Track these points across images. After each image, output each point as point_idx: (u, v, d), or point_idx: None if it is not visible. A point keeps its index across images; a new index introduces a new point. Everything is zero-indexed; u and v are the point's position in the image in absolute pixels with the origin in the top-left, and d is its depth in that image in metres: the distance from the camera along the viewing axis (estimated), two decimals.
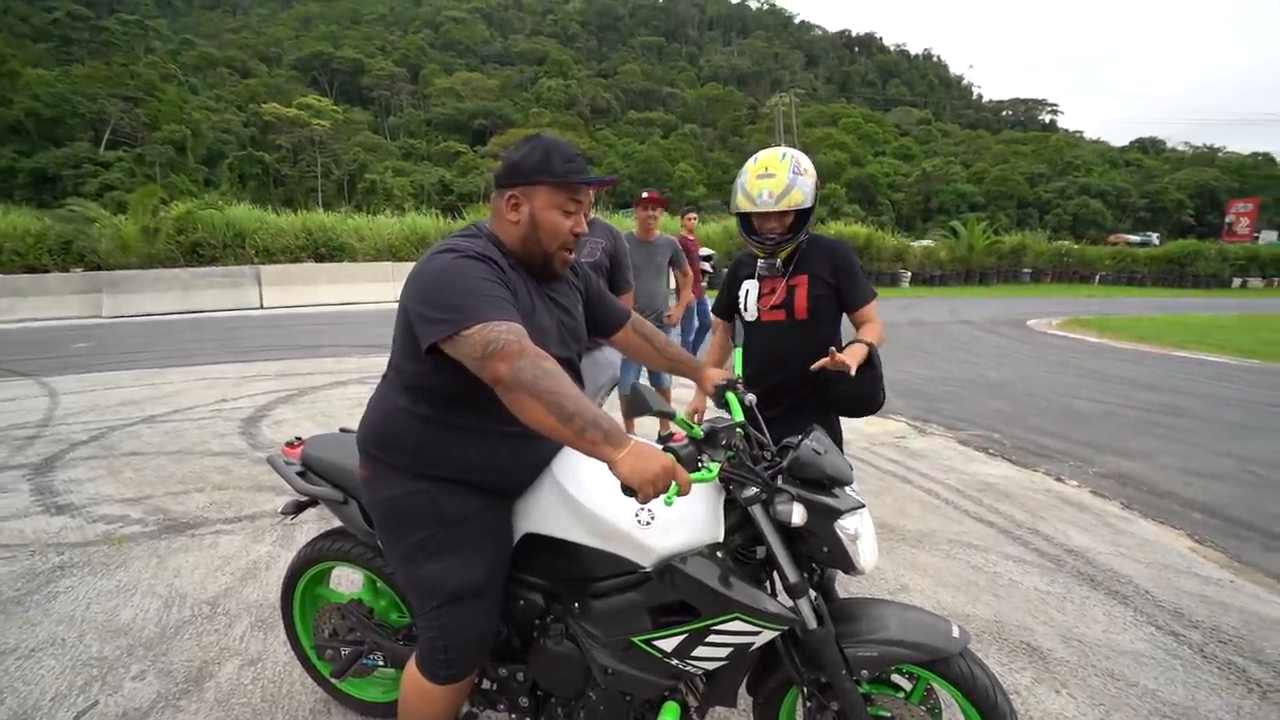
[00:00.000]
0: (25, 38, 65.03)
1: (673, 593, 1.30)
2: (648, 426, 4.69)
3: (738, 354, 1.71)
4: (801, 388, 2.07)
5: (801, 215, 2.04)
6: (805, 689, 1.42)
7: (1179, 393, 7.00)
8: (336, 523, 1.84)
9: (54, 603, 2.59)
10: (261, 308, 14.21)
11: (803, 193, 2.00)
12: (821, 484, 1.31)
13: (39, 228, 14.57)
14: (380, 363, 1.81)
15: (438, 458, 1.38)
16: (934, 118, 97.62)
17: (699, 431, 1.34)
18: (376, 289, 15.17)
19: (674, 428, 1.41)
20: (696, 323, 6.63)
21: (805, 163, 2.05)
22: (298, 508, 1.87)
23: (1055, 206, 61.97)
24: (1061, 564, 2.97)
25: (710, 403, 1.73)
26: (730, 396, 1.58)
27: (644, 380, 4.19)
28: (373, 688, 1.94)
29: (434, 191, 51.48)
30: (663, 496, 1.11)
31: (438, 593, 1.37)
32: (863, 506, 1.32)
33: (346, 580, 2.55)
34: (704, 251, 6.12)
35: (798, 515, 1.27)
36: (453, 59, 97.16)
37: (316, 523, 3.27)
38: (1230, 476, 4.24)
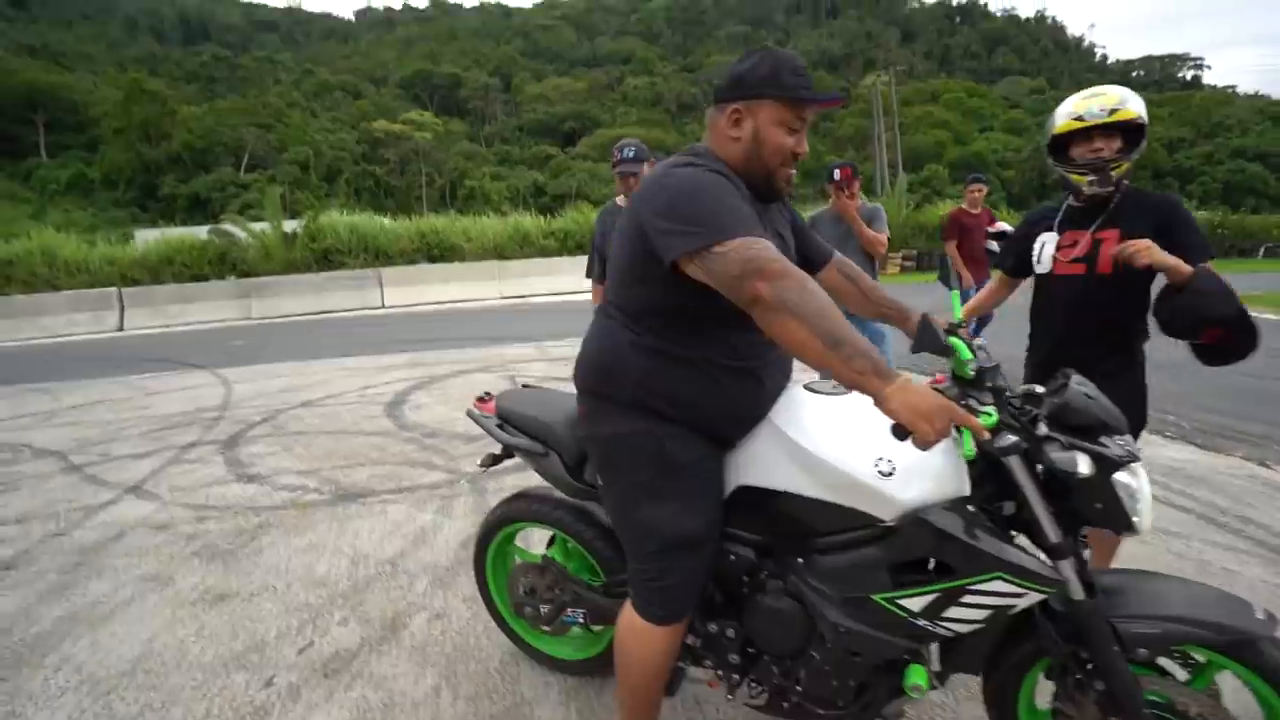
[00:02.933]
0: (180, 80, 73.74)
1: (920, 548, 1.22)
2: None
3: (954, 297, 1.60)
4: (1093, 348, 1.92)
5: (1128, 142, 1.85)
6: (1062, 666, 1.29)
7: None
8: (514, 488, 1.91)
9: (261, 555, 2.88)
10: (383, 306, 15.26)
11: (1137, 109, 1.81)
12: (1090, 431, 1.18)
13: (200, 242, 16.44)
14: (497, 354, 1.85)
15: (663, 392, 1.33)
16: (1049, 86, 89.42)
17: (969, 372, 1.22)
18: (484, 287, 15.89)
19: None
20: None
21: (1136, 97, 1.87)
22: (494, 460, 1.95)
23: (1201, 174, 55.08)
24: None
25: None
26: (955, 341, 1.47)
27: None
28: (566, 645, 1.99)
29: (528, 194, 53.38)
30: (959, 448, 1.03)
31: (656, 536, 1.36)
32: (1138, 458, 1.17)
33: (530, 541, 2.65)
34: (1001, 226, 5.17)
35: (1084, 465, 1.13)
36: (542, 65, 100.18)
37: (470, 496, 3.44)
38: None
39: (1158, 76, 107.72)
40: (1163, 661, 1.31)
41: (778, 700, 1.48)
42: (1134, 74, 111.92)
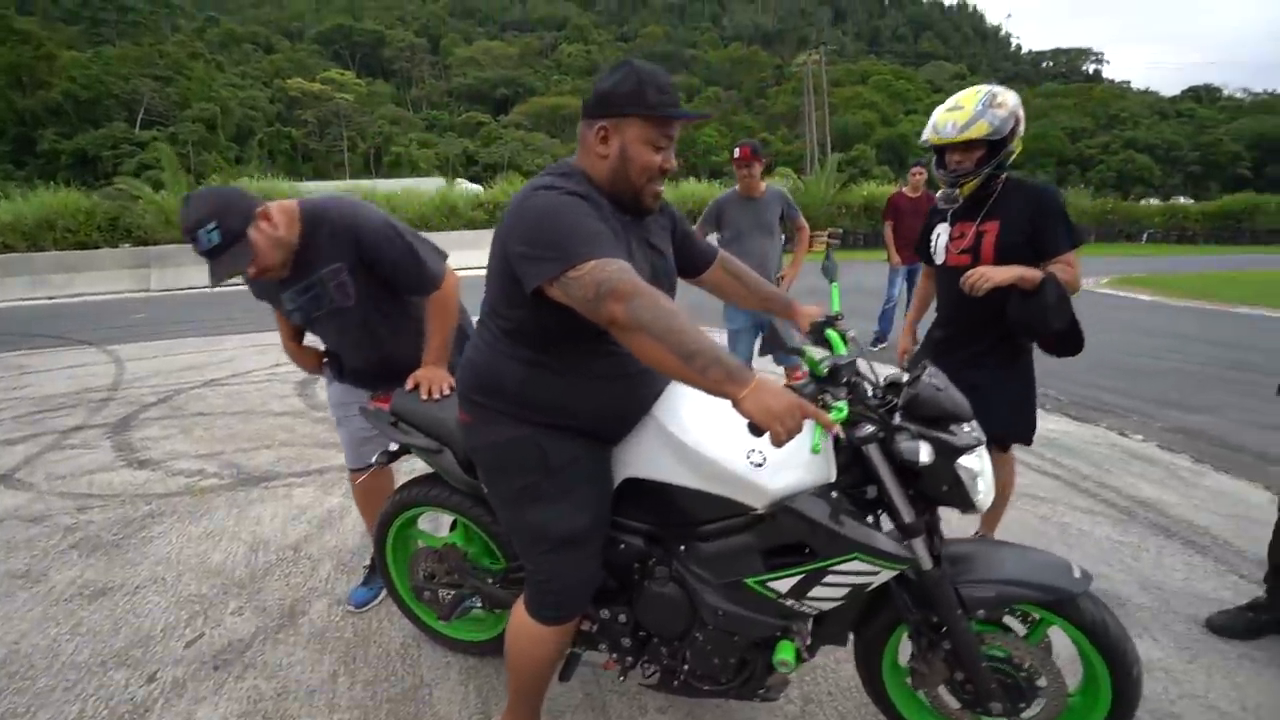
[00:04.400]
0: (57, 20, 66.09)
1: (787, 534, 1.30)
2: None
3: (834, 290, 1.68)
4: (980, 339, 2.07)
5: (991, 150, 1.93)
6: (916, 628, 1.41)
7: (1243, 348, 6.72)
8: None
9: (150, 546, 2.72)
10: None
11: (990, 124, 1.88)
12: (940, 421, 1.28)
13: (88, 205, 14.98)
14: None
15: (541, 402, 1.37)
16: (969, 72, 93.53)
17: (823, 370, 1.30)
18: None
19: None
20: (897, 290, 6.28)
21: (1007, 98, 1.93)
22: (390, 457, 1.91)
23: (1099, 163, 59.34)
24: (1133, 515, 2.91)
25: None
26: (831, 334, 1.54)
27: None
28: (468, 628, 2.00)
29: (459, 163, 51.47)
30: (809, 441, 1.09)
31: (544, 538, 1.39)
32: (982, 443, 1.29)
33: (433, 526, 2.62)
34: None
35: (925, 453, 1.23)
36: (472, 27, 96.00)
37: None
38: None
39: (1064, 69, 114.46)
40: (1007, 620, 1.46)
41: (668, 679, 1.57)
42: (1044, 64, 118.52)
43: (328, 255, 1.80)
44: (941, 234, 2.14)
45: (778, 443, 1.07)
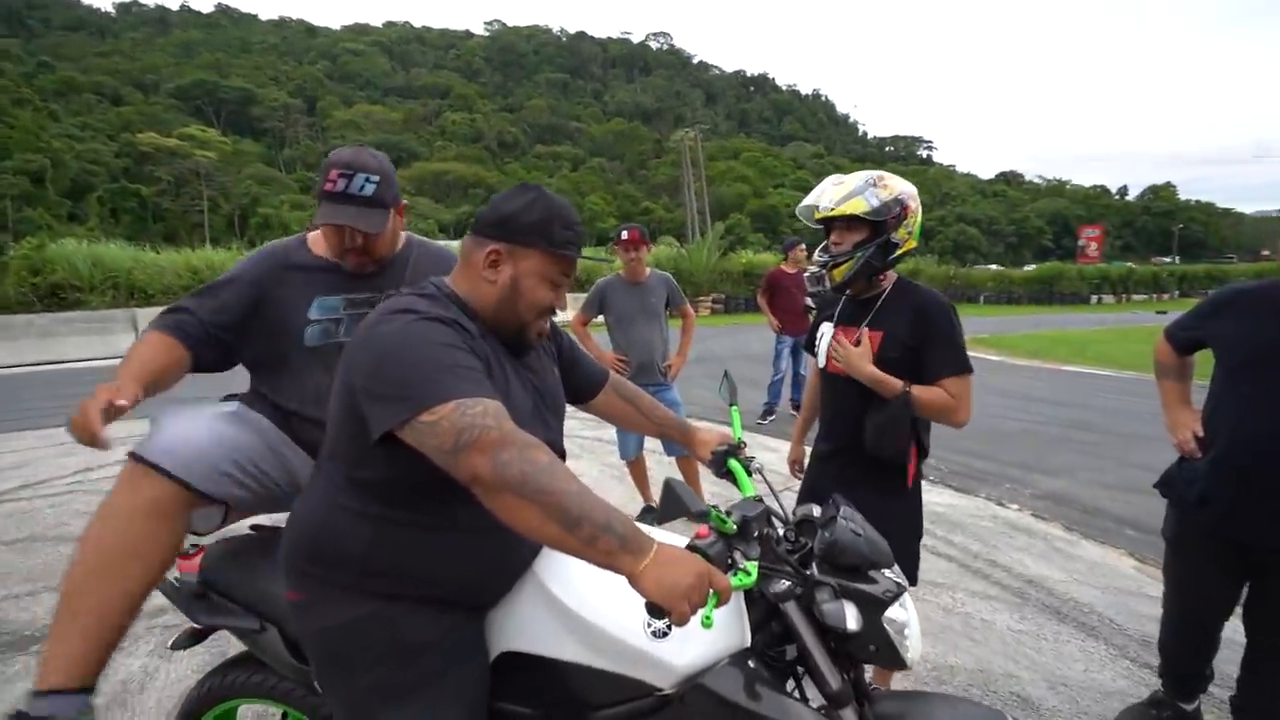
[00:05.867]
0: None
1: (701, 717, 1.07)
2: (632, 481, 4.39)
3: (734, 413, 1.50)
4: (858, 466, 1.83)
5: (873, 234, 1.74)
6: None
7: (1080, 406, 7.53)
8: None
9: None
10: None
11: (868, 203, 1.69)
12: (859, 570, 1.12)
13: None
14: None
15: (393, 569, 1.08)
16: (826, 152, 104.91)
17: (732, 526, 1.10)
18: None
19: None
20: (784, 362, 6.26)
21: (895, 184, 1.75)
22: (193, 638, 1.47)
23: (938, 234, 67.74)
24: (1025, 597, 2.95)
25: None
26: (734, 465, 1.36)
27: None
28: None
29: None
30: (700, 613, 0.87)
31: None
32: (905, 590, 1.14)
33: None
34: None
35: (852, 619, 1.07)
36: (352, 91, 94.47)
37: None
38: (1146, 489, 4.45)
39: (903, 152, 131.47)
40: None
41: None
42: (887, 148, 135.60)
43: (424, 273, 1.59)
44: (825, 334, 1.96)
45: (682, 622, 0.88)
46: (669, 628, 1.09)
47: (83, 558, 1.38)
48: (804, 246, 6.12)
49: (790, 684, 1.19)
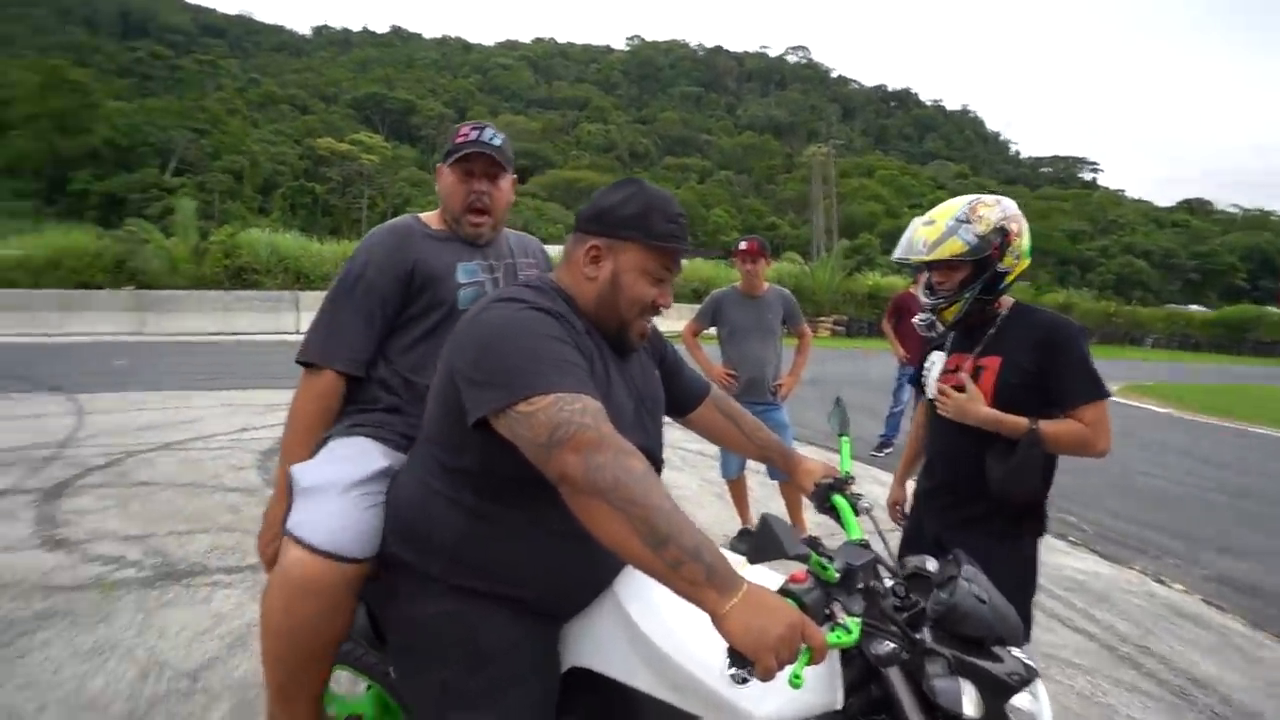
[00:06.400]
0: (111, 73, 70.05)
1: None
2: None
3: (844, 445, 1.37)
4: (973, 500, 1.67)
5: (978, 269, 1.62)
6: None
7: (1268, 476, 6.35)
8: None
9: (22, 661, 2.30)
10: (298, 332, 14.31)
11: (964, 242, 1.58)
12: (981, 643, 0.96)
13: (96, 246, 15.02)
14: None
15: (479, 563, 1.07)
16: (971, 172, 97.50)
17: (834, 574, 0.97)
18: None
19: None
20: (906, 394, 5.76)
21: (990, 211, 1.62)
22: None
23: (1098, 265, 60.70)
24: (1191, 700, 2.48)
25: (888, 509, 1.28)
26: (839, 501, 1.23)
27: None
28: None
29: None
30: (788, 670, 0.77)
31: None
32: (1036, 676, 0.96)
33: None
34: None
35: (970, 704, 0.90)
36: (499, 102, 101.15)
37: None
38: None
39: (1062, 174, 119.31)
40: None
41: None
42: (1043, 169, 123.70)
43: (520, 251, 1.75)
44: (935, 364, 1.81)
45: (766, 677, 0.78)
46: (748, 674, 0.99)
47: (263, 647, 1.27)
48: None
49: None
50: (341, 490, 1.27)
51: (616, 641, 1.10)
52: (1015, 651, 0.98)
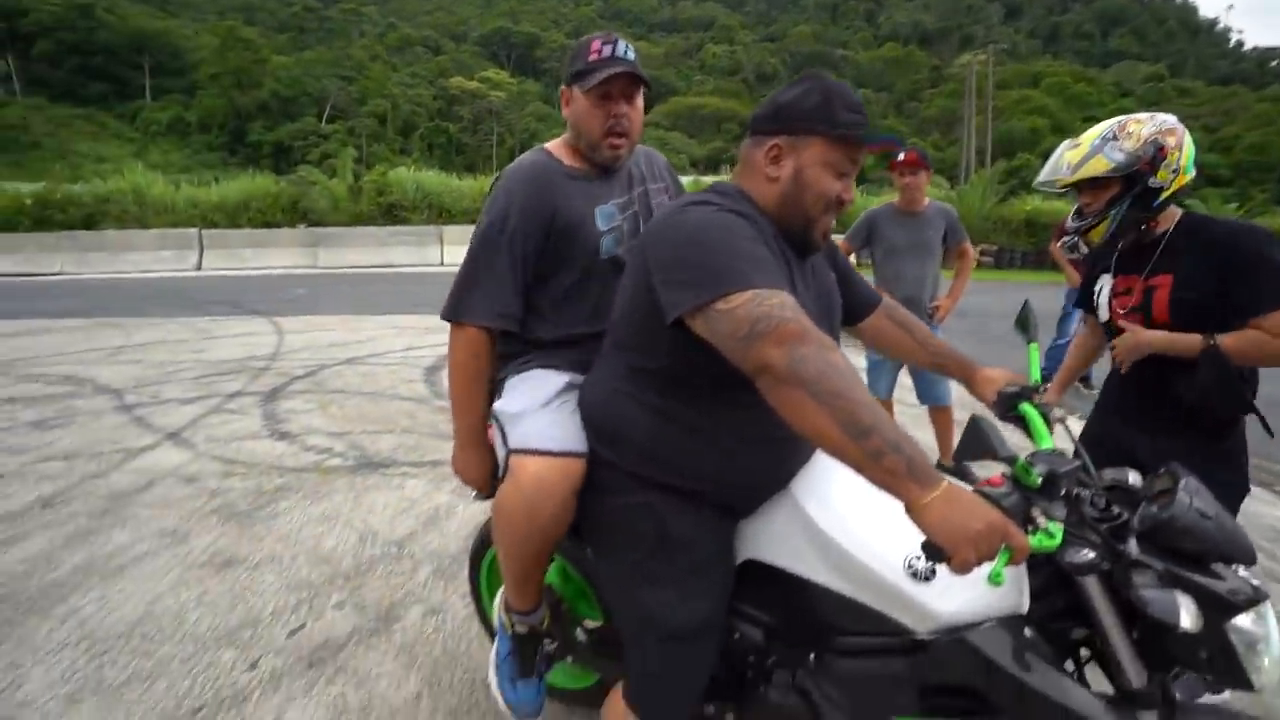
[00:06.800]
0: (272, 29, 76.60)
1: (955, 673, 0.99)
2: None
3: (1032, 350, 1.32)
4: (1163, 430, 1.63)
5: (1127, 185, 1.54)
6: None
7: None
8: None
9: (275, 521, 2.86)
10: (442, 264, 15.47)
11: (1110, 160, 1.52)
12: (1198, 559, 0.92)
13: (275, 190, 17.03)
14: None
15: (667, 461, 1.15)
16: (1169, 73, 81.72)
17: (1036, 479, 0.95)
18: None
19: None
20: (1074, 325, 5.10)
21: (1144, 128, 1.52)
22: (488, 496, 1.77)
23: None
24: None
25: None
26: (1028, 409, 1.19)
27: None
28: (556, 672, 1.84)
29: None
30: (989, 566, 0.79)
31: (655, 626, 1.17)
32: (1266, 597, 0.91)
33: None
34: None
35: (1188, 617, 0.87)
36: (621, 28, 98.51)
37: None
38: None
39: None
40: None
41: None
42: (1273, 63, 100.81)
43: (646, 176, 1.62)
44: (1104, 287, 1.73)
45: (963, 570, 0.79)
46: (934, 572, 1.02)
47: (502, 548, 1.38)
48: None
49: (1069, 667, 1.03)
50: (544, 404, 1.36)
51: (793, 537, 1.16)
52: (1241, 571, 0.92)
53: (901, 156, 3.01)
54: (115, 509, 2.96)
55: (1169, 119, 1.55)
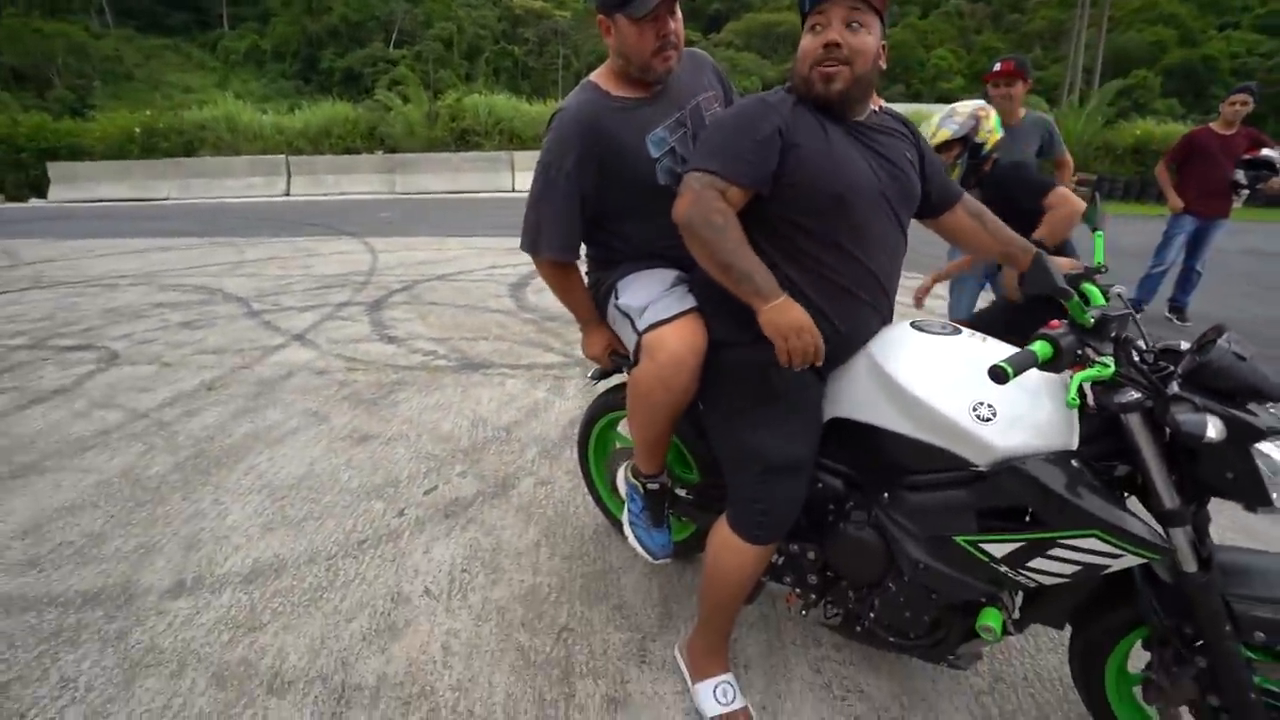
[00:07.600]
0: None
1: (1011, 497, 1.17)
2: None
3: (1098, 239, 1.41)
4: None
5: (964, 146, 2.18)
6: (1162, 637, 1.21)
7: None
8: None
9: (397, 408, 3.27)
10: (513, 190, 15.73)
11: (949, 131, 2.19)
12: (1234, 397, 1.04)
13: (354, 116, 17.48)
14: None
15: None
16: None
17: (1089, 320, 1.11)
18: None
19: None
20: (1174, 253, 4.91)
21: (966, 108, 2.20)
22: (603, 374, 1.94)
23: None
24: None
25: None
26: (1090, 289, 1.29)
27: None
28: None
29: None
30: (1063, 394, 0.98)
31: (757, 461, 1.39)
32: None
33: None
34: (1265, 154, 4.31)
35: (1213, 429, 0.99)
36: None
37: (580, 379, 3.65)
38: None
39: None
40: None
41: (850, 624, 1.53)
42: None
43: (695, 85, 1.64)
44: None
45: (785, 361, 1.22)
46: (993, 413, 1.18)
47: (638, 421, 1.58)
48: (1246, 98, 4.52)
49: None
50: (664, 292, 1.53)
51: (873, 393, 1.33)
52: (1273, 408, 1.04)
53: (998, 67, 2.92)
54: (265, 393, 3.44)
55: (979, 102, 2.32)
